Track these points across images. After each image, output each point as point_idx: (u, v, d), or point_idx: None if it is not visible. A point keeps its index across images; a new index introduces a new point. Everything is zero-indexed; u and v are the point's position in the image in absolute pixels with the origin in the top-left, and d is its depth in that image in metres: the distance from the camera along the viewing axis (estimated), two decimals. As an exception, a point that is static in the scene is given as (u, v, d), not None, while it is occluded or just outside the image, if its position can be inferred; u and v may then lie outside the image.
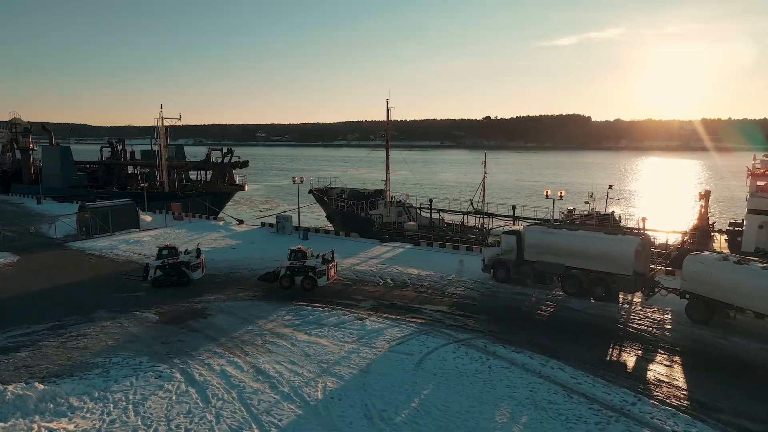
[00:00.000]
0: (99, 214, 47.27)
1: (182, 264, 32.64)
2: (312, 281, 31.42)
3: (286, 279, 31.55)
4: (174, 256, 32.75)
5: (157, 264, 32.44)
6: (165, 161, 68.64)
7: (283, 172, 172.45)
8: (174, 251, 33.08)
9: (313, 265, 31.59)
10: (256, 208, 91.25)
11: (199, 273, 33.34)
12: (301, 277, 31.50)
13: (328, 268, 31.84)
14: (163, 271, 32.26)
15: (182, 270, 32.52)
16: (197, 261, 33.28)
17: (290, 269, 31.64)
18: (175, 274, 32.29)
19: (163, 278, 32.11)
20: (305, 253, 32.11)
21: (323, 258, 32.31)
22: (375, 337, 24.65)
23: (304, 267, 31.61)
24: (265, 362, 21.87)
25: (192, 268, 32.86)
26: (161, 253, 33.07)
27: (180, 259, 32.76)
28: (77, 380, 20.05)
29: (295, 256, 32.00)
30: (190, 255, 33.34)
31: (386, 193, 54.60)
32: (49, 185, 73.55)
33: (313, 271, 31.43)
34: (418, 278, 34.84)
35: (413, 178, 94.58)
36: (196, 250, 33.99)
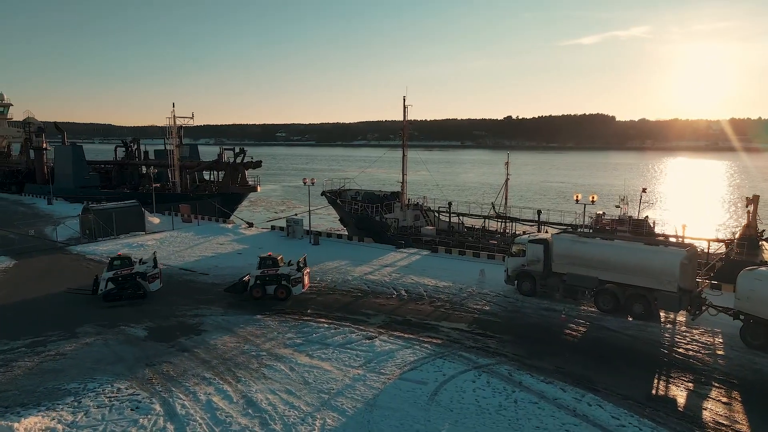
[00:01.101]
0: (103, 216, 45.33)
1: (137, 275, 29.62)
2: (286, 290, 29.22)
3: (257, 289, 29.22)
4: (128, 267, 29.71)
5: (108, 276, 29.20)
6: (177, 161, 66.79)
7: (301, 172, 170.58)
8: (128, 261, 30.11)
9: (287, 273, 29.39)
10: (272, 210, 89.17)
11: (157, 284, 30.25)
12: (274, 286, 29.25)
13: (303, 276, 29.74)
14: (115, 283, 29.12)
15: (137, 282, 29.51)
16: (154, 271, 30.17)
17: (261, 278, 29.33)
18: (130, 287, 29.30)
19: (115, 291, 29.03)
20: (276, 261, 29.87)
21: (298, 265, 30.05)
22: (384, 361, 21.85)
23: (276, 275, 29.36)
24: (258, 391, 19.24)
25: (149, 279, 29.84)
26: (113, 264, 29.77)
27: (135, 269, 29.72)
28: (43, 411, 17.64)
29: (265, 264, 29.66)
30: (147, 265, 30.28)
31: (402, 196, 51.73)
32: (61, 185, 72.34)
33: (287, 279, 29.26)
34: (434, 290, 31.94)
35: (432, 179, 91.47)
36: (153, 259, 30.84)
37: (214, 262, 37.71)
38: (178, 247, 42.84)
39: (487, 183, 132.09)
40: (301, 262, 30.49)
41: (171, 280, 33.56)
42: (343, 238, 47.61)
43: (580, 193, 41.37)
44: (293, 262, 30.45)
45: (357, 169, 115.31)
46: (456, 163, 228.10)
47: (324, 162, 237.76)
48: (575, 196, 33.45)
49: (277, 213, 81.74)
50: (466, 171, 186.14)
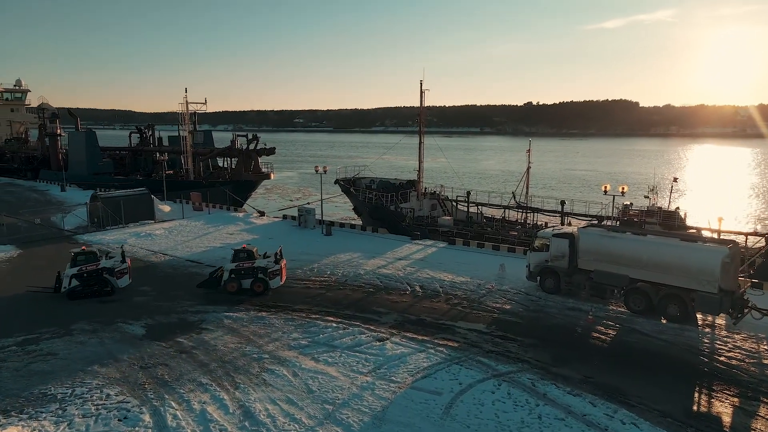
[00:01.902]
0: (111, 204, 44.22)
1: (104, 270, 27.89)
2: (263, 283, 27.88)
3: (232, 283, 27.78)
4: (93, 262, 27.86)
5: (72, 272, 27.24)
6: (190, 148, 65.57)
7: (319, 159, 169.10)
8: (93, 256, 28.18)
9: (264, 266, 28.01)
10: (287, 198, 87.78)
11: (126, 280, 28.53)
12: (250, 279, 27.87)
13: (281, 268, 28.47)
14: (80, 280, 27.29)
15: (104, 278, 27.78)
16: (122, 266, 28.41)
17: (236, 272, 27.87)
18: (96, 283, 27.55)
19: (80, 289, 27.22)
20: (252, 253, 28.48)
21: (276, 257, 28.67)
22: (396, 367, 20.13)
23: (252, 268, 27.93)
24: (258, 400, 17.66)
25: (116, 275, 28.13)
26: (77, 259, 27.73)
27: (101, 264, 27.96)
28: (24, 420, 16.29)
29: (240, 257, 28.24)
30: (114, 260, 28.59)
31: (419, 184, 49.74)
32: (75, 172, 71.73)
33: (264, 272, 27.90)
34: (451, 286, 30.07)
35: (450, 167, 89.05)
36: (121, 254, 29.14)
37: (222, 254, 36.20)
38: (187, 236, 41.54)
39: (508, 171, 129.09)
40: (278, 254, 29.07)
41: (176, 272, 32.26)
42: (357, 228, 45.88)
43: (608, 183, 38.97)
44: (269, 254, 29.06)
45: (374, 156, 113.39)
46: (475, 150, 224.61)
47: (342, 148, 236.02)
48: (603, 186, 31.19)
49: (293, 201, 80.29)
50: (485, 158, 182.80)
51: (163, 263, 34.21)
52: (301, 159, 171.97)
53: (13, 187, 72.59)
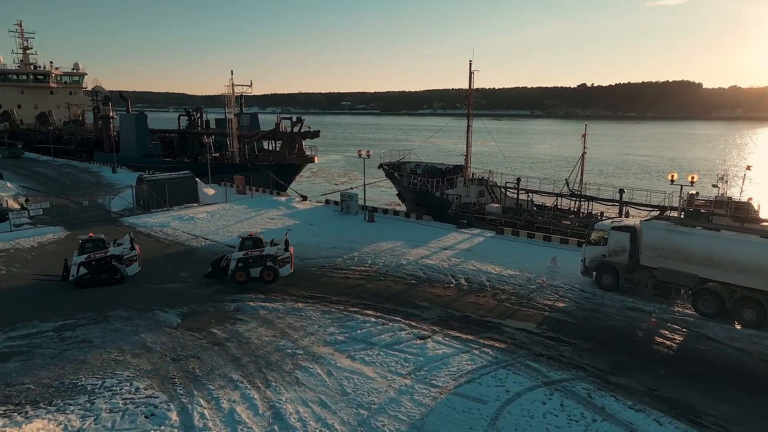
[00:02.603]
0: (156, 187, 44.38)
1: (113, 258, 27.16)
2: (273, 272, 26.83)
3: (240, 272, 26.75)
4: (101, 250, 27.16)
5: (80, 260, 26.54)
6: (235, 130, 65.44)
7: (365, 142, 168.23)
8: (101, 243, 27.44)
9: (273, 254, 26.94)
10: (332, 182, 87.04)
11: (135, 267, 27.83)
12: (259, 268, 26.81)
13: (291, 256, 27.41)
14: (88, 268, 26.65)
15: (113, 266, 27.07)
16: (131, 254, 27.71)
17: (243, 260, 26.82)
18: (105, 271, 26.88)
19: (89, 277, 26.58)
20: (261, 240, 27.40)
21: (286, 244, 27.57)
22: (437, 369, 18.70)
23: (261, 256, 26.84)
24: (289, 401, 16.64)
25: (125, 263, 27.45)
26: (84, 247, 27.01)
27: (109, 252, 27.23)
28: (52, 413, 15.82)
29: (247, 246, 27.12)
30: (123, 246, 27.76)
31: (466, 169, 47.69)
32: (125, 154, 73.10)
33: (273, 260, 26.83)
34: (499, 279, 28.28)
35: (499, 151, 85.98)
36: (129, 240, 28.32)
37: (261, 239, 35.56)
38: (228, 221, 41.17)
39: (561, 156, 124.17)
40: (286, 242, 28.03)
41: (215, 258, 31.63)
42: (400, 215, 44.39)
43: (673, 170, 35.86)
44: (276, 241, 28.01)
45: (421, 139, 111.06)
46: (525, 134, 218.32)
47: (388, 131, 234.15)
48: (670, 175, 28.49)
49: (337, 185, 79.51)
50: (536, 142, 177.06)
51: (203, 248, 33.82)
52: (347, 142, 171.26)
53: (69, 168, 74.74)
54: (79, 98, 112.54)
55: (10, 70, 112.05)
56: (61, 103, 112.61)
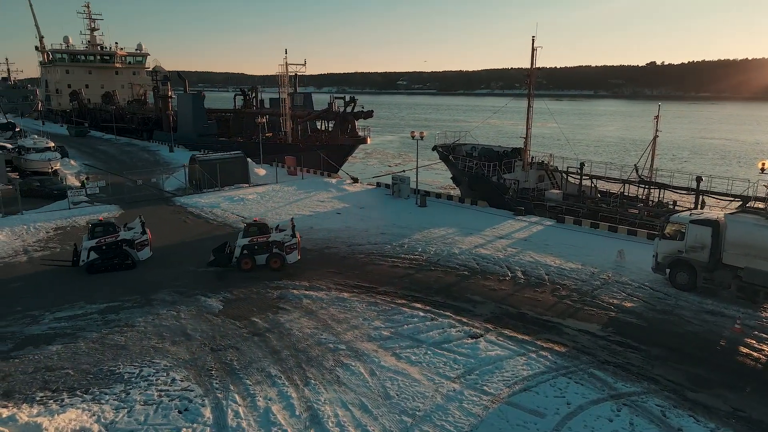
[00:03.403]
0: (207, 167, 44.36)
1: (124, 242, 26.46)
2: (281, 259, 25.76)
3: (246, 260, 25.66)
4: (112, 234, 26.43)
5: (90, 245, 25.88)
6: (288, 110, 64.96)
7: (421, 122, 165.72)
8: (112, 228, 26.71)
9: (280, 240, 25.78)
10: (385, 163, 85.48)
11: (147, 252, 27.17)
12: (265, 255, 25.78)
13: (299, 242, 26.22)
14: (99, 253, 25.97)
15: (124, 250, 26.36)
16: (143, 238, 26.97)
17: (249, 247, 25.68)
18: (116, 256, 26.14)
19: (99, 262, 25.87)
20: (266, 227, 26.26)
21: (292, 230, 26.36)
22: (489, 373, 17.12)
23: (267, 243, 25.73)
24: (328, 402, 15.53)
25: (137, 247, 26.76)
26: (95, 231, 26.22)
27: (120, 236, 26.51)
28: (88, 401, 15.37)
29: (251, 232, 25.95)
30: (134, 231, 27.03)
31: (525, 153, 45.08)
32: (183, 133, 74.27)
33: (280, 247, 25.72)
34: (559, 273, 26.18)
35: (561, 133, 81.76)
36: (141, 224, 27.42)
37: (309, 223, 34.75)
38: (277, 203, 40.58)
39: (628, 139, 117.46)
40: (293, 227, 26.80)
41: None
42: (454, 200, 42.49)
43: (761, 157, 32.16)
44: (282, 227, 26.88)
45: (478, 120, 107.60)
46: (588, 115, 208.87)
47: (445, 112, 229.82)
48: (761, 164, 25.23)
49: (391, 167, 77.95)
50: (601, 124, 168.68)
51: (251, 231, 33.21)
52: (403, 122, 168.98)
53: (129, 147, 76.84)
54: (142, 78, 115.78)
55: (79, 50, 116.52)
56: (125, 82, 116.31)
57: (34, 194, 40.95)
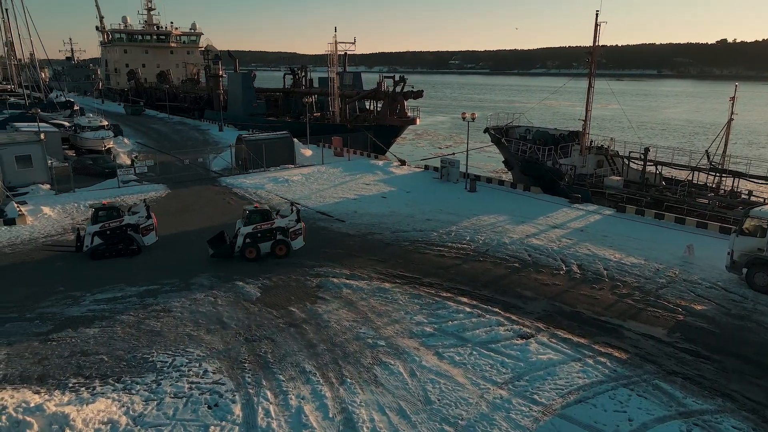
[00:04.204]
0: (253, 147, 43.96)
1: (128, 227, 25.55)
2: (286, 245, 24.62)
3: (250, 249, 24.39)
4: (116, 218, 25.44)
5: (94, 230, 24.96)
6: (337, 90, 63.96)
7: (473, 103, 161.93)
8: (116, 212, 25.63)
9: (284, 226, 24.58)
10: (436, 145, 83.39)
11: (153, 237, 26.25)
12: (270, 242, 24.53)
13: (303, 227, 25.41)
14: (103, 238, 25.09)
15: (129, 235, 25.50)
16: (148, 222, 26.01)
17: (252, 235, 24.36)
18: (121, 242, 25.36)
19: (104, 248, 25.05)
20: (270, 213, 24.89)
21: (298, 214, 25.21)
22: (540, 380, 15.65)
23: (271, 230, 24.47)
24: (363, 404, 14.51)
25: (142, 232, 25.81)
26: (98, 216, 25.28)
27: (125, 221, 25.55)
28: (117, 393, 14.92)
29: (255, 219, 24.54)
30: (138, 215, 25.99)
31: (584, 136, 42.38)
32: (232, 113, 74.65)
33: (285, 233, 24.55)
34: (619, 268, 24.15)
35: (624, 115, 77.14)
36: (145, 208, 26.34)
37: (354, 207, 33.73)
38: (322, 185, 39.75)
39: (698, 122, 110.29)
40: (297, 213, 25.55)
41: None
42: (505, 185, 40.47)
43: None
44: (284, 213, 25.52)
45: (534, 101, 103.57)
46: (653, 96, 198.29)
47: (498, 92, 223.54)
48: None
49: (441, 149, 76.00)
50: (667, 105, 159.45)
51: (294, 214, 32.50)
52: (455, 103, 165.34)
53: (181, 126, 77.97)
54: (195, 57, 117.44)
55: (136, 30, 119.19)
56: (179, 62, 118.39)
57: (87, 172, 41.71)
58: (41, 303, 20.51)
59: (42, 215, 31.56)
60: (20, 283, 22.45)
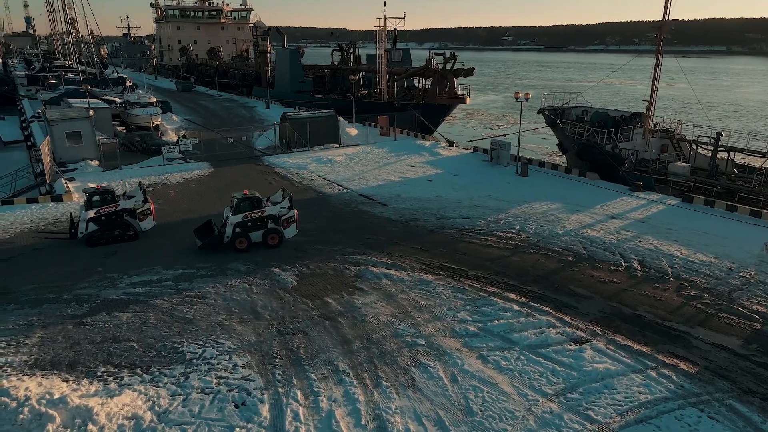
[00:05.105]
0: (297, 125, 43.10)
1: (124, 212, 24.43)
2: (279, 234, 23.21)
3: (241, 239, 22.91)
4: (112, 204, 24.22)
5: (88, 216, 23.78)
6: (385, 67, 62.20)
7: (527, 82, 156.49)
8: (111, 196, 24.35)
9: (276, 214, 23.09)
10: (487, 125, 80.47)
11: (150, 222, 25.10)
12: (261, 231, 23.09)
13: (296, 215, 23.80)
14: (98, 224, 23.98)
15: (125, 221, 24.38)
16: (145, 207, 24.84)
17: (242, 224, 22.87)
18: (117, 227, 24.25)
19: (99, 234, 24.00)
20: (260, 200, 23.27)
21: (290, 201, 23.56)
22: (596, 393, 14.12)
23: (262, 218, 23.01)
24: (398, 411, 13.42)
25: (139, 217, 24.69)
26: (92, 201, 24.07)
27: (120, 206, 24.34)
28: (145, 384, 14.39)
29: (243, 207, 22.98)
30: (134, 199, 24.72)
31: (648, 118, 39.34)
32: (280, 90, 74.14)
33: (277, 221, 23.08)
34: (685, 266, 21.98)
35: (693, 95, 71.90)
36: (141, 192, 25.04)
37: (398, 190, 32.43)
38: (366, 166, 38.54)
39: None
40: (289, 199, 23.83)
41: (345, 209, 29.29)
42: (560, 169, 38.12)
43: None
44: (275, 200, 23.96)
45: (592, 80, 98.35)
46: (724, 74, 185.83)
47: (554, 70, 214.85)
48: None
49: (492, 129, 73.27)
50: (741, 85, 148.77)
51: (335, 196, 31.53)
52: (508, 81, 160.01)
53: (229, 102, 78.18)
54: (245, 34, 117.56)
55: (188, 6, 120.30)
56: (230, 38, 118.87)
57: (135, 149, 42.01)
58: (80, 284, 20.36)
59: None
60: (63, 261, 22.44)
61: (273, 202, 23.93)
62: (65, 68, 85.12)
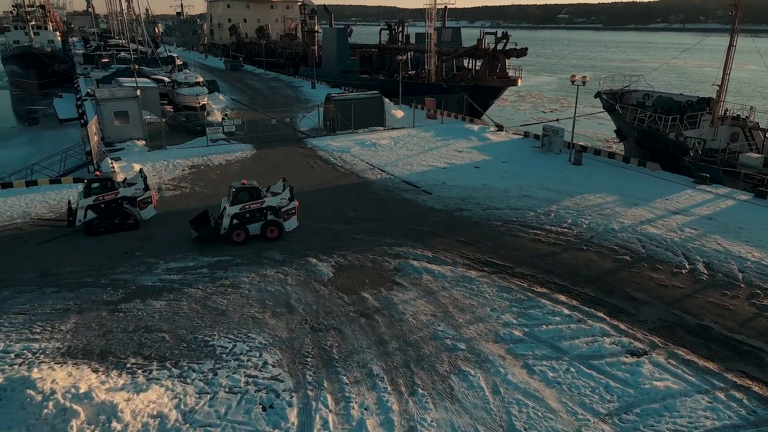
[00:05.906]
0: (342, 107, 42.16)
1: (124, 200, 23.73)
2: (278, 227, 22.03)
3: (238, 231, 21.81)
4: (111, 191, 23.52)
5: (87, 204, 23.13)
6: (433, 46, 60.26)
7: (585, 63, 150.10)
8: (111, 184, 23.63)
9: (275, 205, 21.90)
10: (539, 109, 77.27)
11: (151, 210, 24.50)
12: (259, 223, 21.95)
13: (297, 206, 22.69)
14: (97, 212, 23.31)
15: (125, 209, 23.70)
16: (145, 195, 24.15)
17: (240, 216, 21.72)
18: (117, 216, 23.55)
19: (98, 222, 23.31)
20: (259, 191, 22.07)
21: (291, 192, 22.30)
22: (655, 415, 12.75)
23: (261, 209, 21.83)
24: (434, 424, 12.49)
25: (139, 205, 24.03)
26: (91, 188, 23.32)
27: (120, 193, 23.64)
28: (174, 379, 13.96)
29: (242, 198, 21.80)
30: (135, 187, 24.03)
31: (717, 104, 36.32)
32: (326, 69, 73.31)
33: (276, 213, 21.92)
34: (759, 271, 19.93)
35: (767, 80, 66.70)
36: (142, 179, 24.31)
37: (443, 177, 31.13)
38: (411, 150, 37.29)
39: None
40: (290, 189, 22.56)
41: (387, 196, 28.26)
42: (617, 158, 35.74)
43: None
44: (275, 190, 22.76)
45: (656, 61, 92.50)
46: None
47: (613, 50, 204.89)
48: None
49: (545, 113, 70.29)
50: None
51: (377, 182, 30.50)
52: (564, 61, 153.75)
53: (276, 82, 78.01)
54: (294, 12, 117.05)
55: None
56: (279, 17, 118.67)
57: (181, 129, 42.13)
58: (117, 268, 20.23)
59: (132, 172, 31.85)
60: (102, 243, 22.43)
61: (273, 192, 23.03)
62: (119, 47, 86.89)
